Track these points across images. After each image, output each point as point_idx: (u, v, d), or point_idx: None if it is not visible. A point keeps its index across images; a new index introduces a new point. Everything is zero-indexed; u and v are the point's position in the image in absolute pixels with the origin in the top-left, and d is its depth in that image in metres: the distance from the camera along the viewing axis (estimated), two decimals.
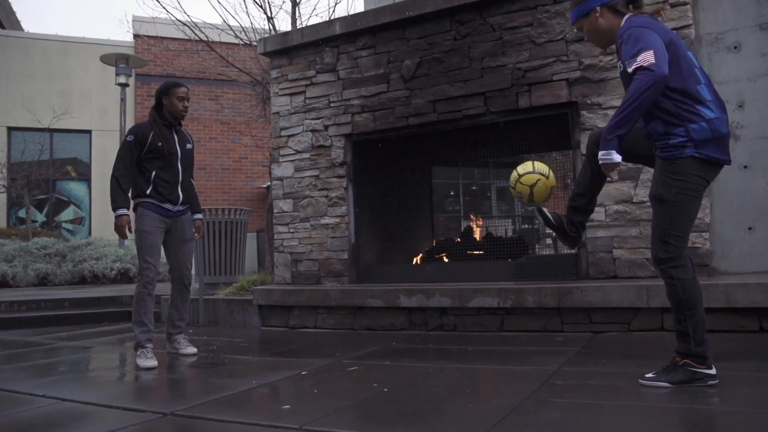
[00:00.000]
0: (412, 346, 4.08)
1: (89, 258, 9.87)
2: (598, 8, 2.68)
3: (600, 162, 2.55)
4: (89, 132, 13.45)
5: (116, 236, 10.85)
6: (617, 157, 2.51)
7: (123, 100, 11.06)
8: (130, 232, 3.92)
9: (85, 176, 13.52)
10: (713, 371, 2.55)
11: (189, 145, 4.20)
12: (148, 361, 3.71)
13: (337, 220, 5.42)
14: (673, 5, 4.26)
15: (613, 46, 2.76)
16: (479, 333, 4.36)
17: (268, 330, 5.22)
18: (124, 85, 11.00)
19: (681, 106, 2.53)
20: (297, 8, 8.00)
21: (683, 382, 2.54)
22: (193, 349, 4.11)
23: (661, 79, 2.39)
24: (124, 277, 9.84)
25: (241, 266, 7.28)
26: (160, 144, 3.96)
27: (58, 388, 3.11)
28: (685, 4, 4.22)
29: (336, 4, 13.19)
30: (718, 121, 2.54)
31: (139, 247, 3.94)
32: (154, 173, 3.95)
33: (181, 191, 4.08)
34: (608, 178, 2.83)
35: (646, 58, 2.40)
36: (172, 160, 4.02)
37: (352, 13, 9.52)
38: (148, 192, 3.94)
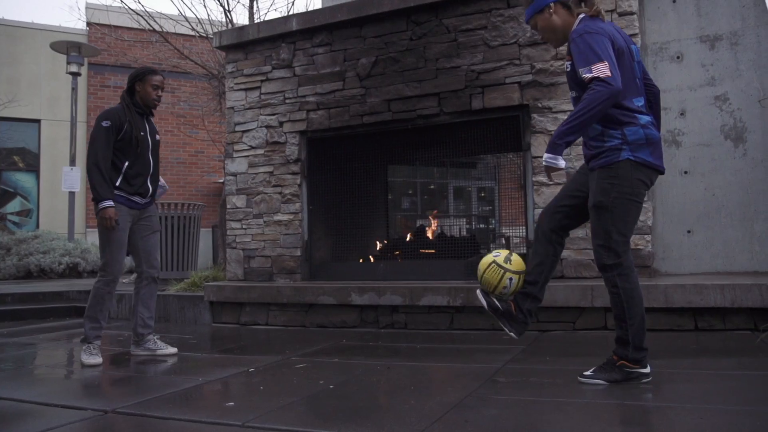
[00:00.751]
0: (362, 343, 4.11)
1: (36, 252, 9.57)
2: (552, 5, 2.72)
3: (544, 164, 2.61)
4: (38, 121, 13.01)
5: (65, 230, 10.64)
6: (562, 163, 2.59)
7: (74, 89, 10.74)
8: (117, 224, 3.64)
9: (33, 167, 13.09)
10: (647, 369, 2.65)
11: (158, 136, 3.98)
12: (94, 357, 3.61)
13: (291, 216, 5.41)
14: (620, 14, 4.39)
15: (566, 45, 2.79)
16: (429, 331, 4.42)
17: (219, 327, 5.18)
18: (75, 74, 10.68)
19: (623, 113, 2.60)
20: (255, 2, 7.92)
21: (618, 380, 2.64)
22: (173, 349, 3.87)
23: (617, 93, 2.46)
24: (72, 271, 9.58)
25: (193, 262, 7.19)
26: (141, 133, 3.74)
27: None
28: (632, 13, 4.36)
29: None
30: (651, 126, 2.63)
31: (105, 242, 3.68)
32: (126, 164, 3.71)
33: (151, 184, 3.87)
34: (549, 181, 2.89)
35: (602, 69, 2.45)
36: (144, 151, 3.80)
37: (310, 9, 9.49)
38: (117, 183, 3.69)
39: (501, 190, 7.64)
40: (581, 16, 2.70)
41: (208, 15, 9.06)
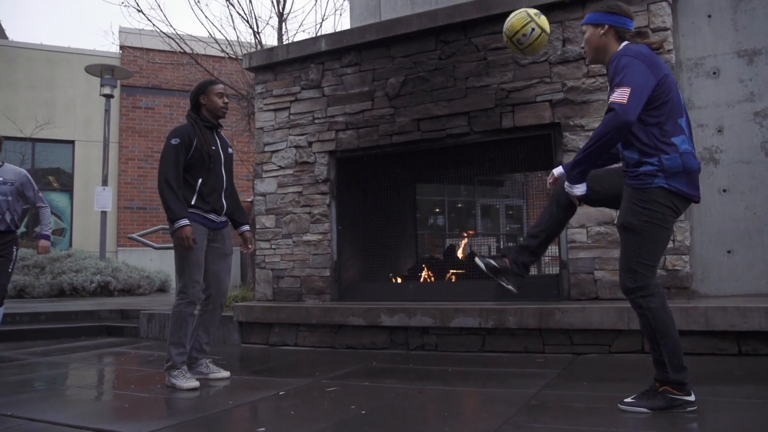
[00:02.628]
0: (392, 366, 4.04)
1: (69, 270, 9.73)
2: (606, 25, 2.72)
3: (566, 190, 2.67)
4: (72, 142, 13.33)
5: (96, 248, 10.81)
6: (577, 190, 2.69)
7: (107, 111, 10.97)
8: (195, 244, 3.51)
9: (67, 187, 13.38)
10: (692, 398, 2.54)
11: (230, 150, 3.88)
12: (190, 381, 3.45)
13: (320, 237, 5.39)
14: (654, 30, 4.31)
15: (602, 67, 2.82)
16: (461, 353, 4.34)
17: (248, 347, 5.16)
18: (108, 96, 10.93)
19: (659, 138, 2.55)
20: (284, 24, 8.02)
21: (662, 408, 2.53)
22: (225, 373, 3.74)
23: (625, 125, 2.44)
24: (104, 290, 9.71)
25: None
26: (213, 148, 3.64)
27: (29, 408, 3.04)
28: (666, 29, 4.28)
29: (323, 20, 13.24)
30: (689, 155, 2.57)
31: (182, 263, 3.54)
32: (200, 181, 3.59)
33: (225, 200, 3.75)
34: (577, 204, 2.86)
35: (622, 95, 2.44)
36: (216, 166, 3.68)
37: (338, 30, 9.57)
38: (193, 202, 3.58)
39: (529, 207, 7.54)
40: (626, 42, 2.70)
41: (238, 37, 9.19)
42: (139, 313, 6.08)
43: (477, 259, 3.00)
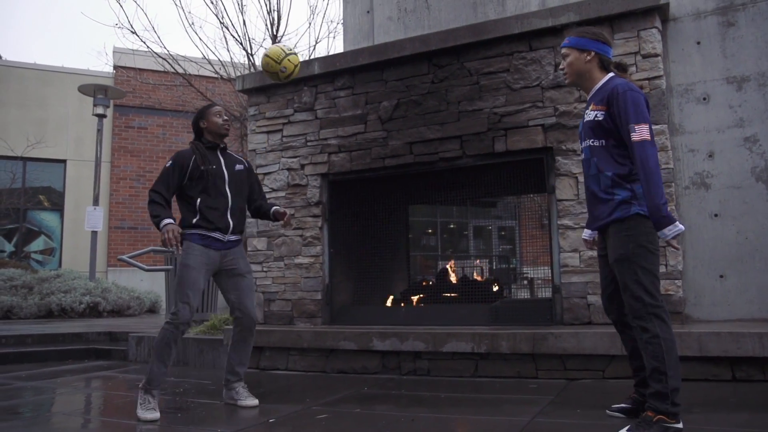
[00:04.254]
0: (384, 391, 4.00)
1: (57, 291, 9.62)
2: (593, 52, 2.82)
3: (671, 237, 2.56)
4: (64, 161, 13.28)
5: (86, 268, 10.70)
6: (681, 226, 2.57)
7: (100, 130, 10.95)
8: (181, 245, 3.50)
9: (58, 206, 13.30)
10: (680, 425, 2.55)
11: (239, 166, 3.83)
12: (149, 412, 3.35)
13: (312, 260, 5.36)
14: (644, 56, 4.36)
15: (583, 92, 2.98)
16: (453, 378, 4.30)
17: None
18: (101, 116, 10.91)
19: (632, 169, 2.71)
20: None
21: None
22: (254, 401, 3.63)
23: (656, 157, 2.61)
24: (93, 311, 9.60)
25: (213, 303, 7.15)
26: (213, 167, 3.66)
27: None
28: (657, 55, 4.33)
29: (317, 42, 13.36)
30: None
31: (178, 283, 3.52)
32: (199, 200, 3.59)
33: (232, 218, 3.67)
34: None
35: (647, 132, 2.61)
36: (219, 184, 3.66)
37: (332, 52, 9.63)
38: (194, 221, 3.57)
39: (522, 229, 7.54)
40: (611, 74, 2.83)
41: (231, 58, 9.22)
42: (128, 335, 6.01)
43: None
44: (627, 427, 2.58)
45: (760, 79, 4.29)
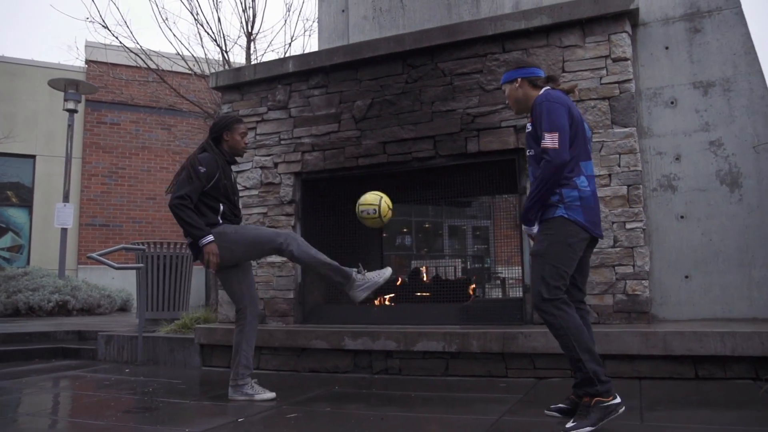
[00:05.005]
0: (355, 390, 4.00)
1: (25, 289, 9.42)
2: (519, 79, 3.07)
3: (525, 232, 2.99)
4: (33, 157, 13.00)
5: (56, 266, 10.52)
6: (533, 230, 2.97)
7: (71, 126, 10.75)
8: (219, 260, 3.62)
9: (26, 202, 13.01)
10: (618, 399, 2.70)
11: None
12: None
13: (284, 258, 5.33)
14: (615, 60, 4.43)
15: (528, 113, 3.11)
16: (424, 377, 4.32)
17: (209, 371, 5.05)
18: (72, 111, 10.72)
19: (565, 174, 2.84)
20: (252, 43, 8.00)
21: (602, 419, 2.66)
22: (271, 394, 3.71)
23: (561, 165, 2.78)
24: (62, 309, 9.42)
25: (184, 302, 7.08)
26: (231, 183, 3.85)
27: None
28: (626, 59, 4.40)
29: (292, 40, 13.27)
30: (588, 191, 2.88)
31: (228, 283, 3.80)
32: (222, 207, 3.74)
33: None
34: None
35: (553, 140, 2.77)
36: (231, 196, 3.83)
37: (308, 50, 9.60)
38: (220, 222, 3.71)
39: (496, 229, 7.60)
40: (546, 88, 3.02)
41: (206, 54, 9.13)
42: (97, 334, 5.92)
43: None
44: (572, 421, 2.69)
45: (724, 84, 4.39)
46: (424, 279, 5.95)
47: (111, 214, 13.13)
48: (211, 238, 3.56)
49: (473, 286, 5.77)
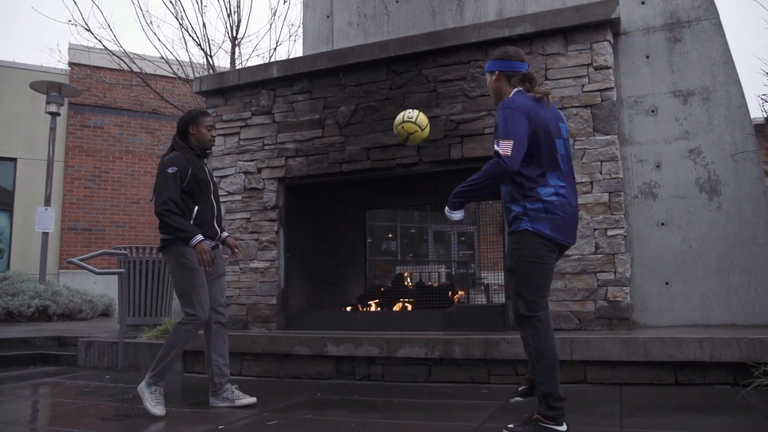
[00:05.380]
0: (337, 397, 3.99)
1: (4, 294, 9.28)
2: (496, 72, 2.99)
3: (445, 213, 2.93)
4: (14, 160, 12.84)
5: (35, 271, 10.38)
6: (455, 216, 2.92)
7: (53, 129, 10.64)
8: (177, 273, 3.56)
9: (7, 206, 12.84)
10: (563, 428, 2.67)
11: (215, 179, 3.93)
12: (158, 407, 3.46)
13: (267, 264, 5.32)
14: (597, 68, 4.47)
15: None
16: (407, 384, 4.32)
17: (191, 377, 5.01)
18: (55, 114, 10.60)
19: (528, 186, 2.79)
20: (237, 48, 7.98)
21: None
22: (252, 399, 3.69)
23: (507, 173, 2.72)
24: (42, 314, 9.30)
25: (167, 308, 7.01)
26: (205, 177, 3.69)
27: None
28: (608, 68, 4.45)
29: (278, 45, 13.26)
30: (554, 202, 2.78)
31: (187, 287, 3.57)
32: (196, 208, 3.64)
33: (217, 225, 3.82)
34: None
35: (506, 147, 2.69)
36: (207, 193, 3.72)
37: (294, 55, 9.59)
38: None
39: (481, 235, 7.63)
40: (518, 89, 2.94)
41: (190, 59, 9.08)
42: (78, 340, 5.85)
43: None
44: (516, 423, 2.76)
45: (703, 93, 4.45)
46: (408, 285, 5.96)
47: (94, 218, 13.00)
48: (200, 237, 3.50)
49: (458, 293, 5.78)
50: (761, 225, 4.26)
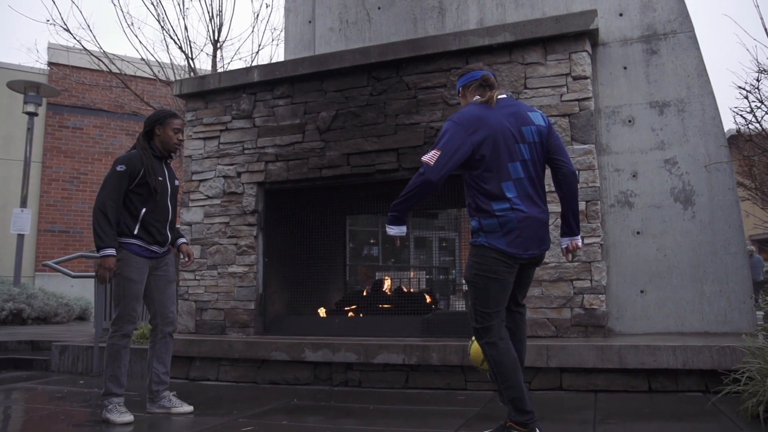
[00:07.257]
0: (314, 403, 3.98)
1: None
2: (461, 88, 3.05)
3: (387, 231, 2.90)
4: None
5: (10, 273, 10.22)
6: (392, 231, 2.90)
7: (30, 129, 10.48)
8: (112, 275, 3.44)
9: None
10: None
11: (177, 182, 3.79)
12: (125, 415, 3.39)
13: (246, 269, 5.29)
14: (575, 78, 4.53)
15: None
16: (384, 390, 4.32)
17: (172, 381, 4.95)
18: (32, 114, 10.45)
19: (482, 200, 2.77)
20: (219, 51, 7.95)
21: None
22: (188, 408, 3.64)
23: (427, 184, 2.72)
24: (16, 318, 9.13)
25: (143, 312, 6.94)
26: (159, 179, 3.59)
27: None
28: (586, 78, 4.51)
29: (260, 49, 13.18)
30: (511, 217, 2.73)
31: (120, 295, 3.49)
32: (143, 211, 3.52)
33: (170, 231, 3.71)
34: None
35: (432, 157, 2.72)
36: (163, 198, 3.62)
37: (276, 59, 9.57)
38: (135, 232, 3.50)
39: (462, 241, 7.64)
40: (474, 100, 2.94)
41: (171, 61, 9.01)
42: (52, 344, 5.76)
43: None
44: (490, 429, 2.80)
45: (679, 104, 4.52)
46: (387, 291, 5.96)
47: (71, 220, 12.83)
48: (111, 251, 3.38)
49: (436, 300, 5.80)
50: (733, 234, 4.33)
